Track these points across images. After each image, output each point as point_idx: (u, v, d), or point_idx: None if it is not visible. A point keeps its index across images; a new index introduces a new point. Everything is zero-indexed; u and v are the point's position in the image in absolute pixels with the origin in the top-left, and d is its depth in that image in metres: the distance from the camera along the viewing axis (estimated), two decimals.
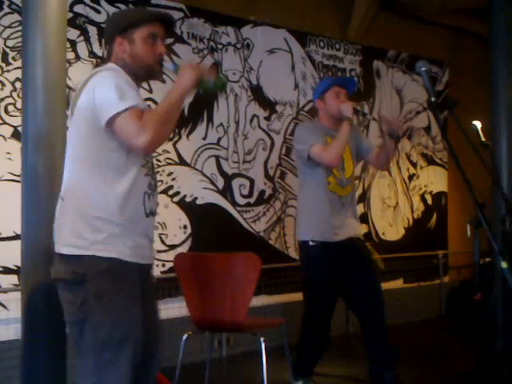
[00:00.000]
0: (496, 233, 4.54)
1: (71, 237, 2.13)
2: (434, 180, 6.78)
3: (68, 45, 4.08)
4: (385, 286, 6.00)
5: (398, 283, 6.20)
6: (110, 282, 2.10)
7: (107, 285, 2.10)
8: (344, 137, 3.52)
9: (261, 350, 3.32)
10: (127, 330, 2.11)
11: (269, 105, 5.29)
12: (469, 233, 2.53)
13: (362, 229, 5.93)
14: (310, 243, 3.64)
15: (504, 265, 2.23)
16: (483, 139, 3.31)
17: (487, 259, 5.42)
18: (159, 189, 4.31)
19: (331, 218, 3.61)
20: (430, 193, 6.73)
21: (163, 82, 4.04)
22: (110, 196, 2.14)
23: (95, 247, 2.11)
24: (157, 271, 4.39)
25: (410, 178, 6.48)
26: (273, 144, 5.30)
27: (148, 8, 4.28)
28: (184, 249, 4.66)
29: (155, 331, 2.30)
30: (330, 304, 3.73)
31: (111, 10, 4.39)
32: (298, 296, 5.31)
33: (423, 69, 2.84)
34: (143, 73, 2.28)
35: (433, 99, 2.78)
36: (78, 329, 2.12)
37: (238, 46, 5.12)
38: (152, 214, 2.26)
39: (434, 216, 6.75)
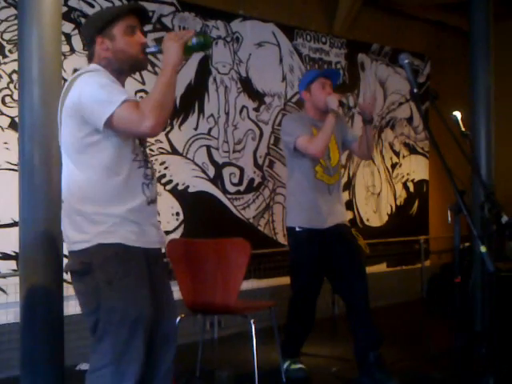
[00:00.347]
0: (475, 219, 4.56)
1: (76, 234, 2.14)
2: (416, 168, 6.80)
3: (63, 38, 4.03)
4: (369, 269, 6.03)
5: (381, 267, 6.23)
6: (117, 266, 2.09)
7: (115, 269, 2.09)
8: (329, 129, 3.48)
9: (251, 332, 3.34)
10: (139, 310, 2.10)
11: (257, 96, 5.28)
12: (449, 219, 2.53)
13: (348, 215, 5.96)
14: (297, 229, 3.64)
15: (483, 249, 2.24)
16: (463, 129, 3.32)
17: (467, 244, 5.45)
18: None
19: (318, 206, 3.60)
20: (412, 181, 6.75)
21: (155, 73, 4.02)
22: (107, 192, 2.14)
23: (99, 237, 2.10)
24: None
25: (393, 166, 6.50)
26: (261, 134, 5.29)
27: (117, 5, 4.20)
28: (176, 235, 4.66)
29: (168, 313, 2.29)
30: (315, 287, 3.74)
31: (105, 4, 4.35)
32: (286, 280, 5.30)
33: (406, 61, 2.84)
34: (128, 66, 2.23)
35: (415, 91, 2.78)
36: (95, 317, 2.10)
37: (228, 39, 5.09)
38: (153, 201, 2.27)
39: (416, 203, 6.78)
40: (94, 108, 2.07)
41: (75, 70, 4.08)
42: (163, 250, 2.47)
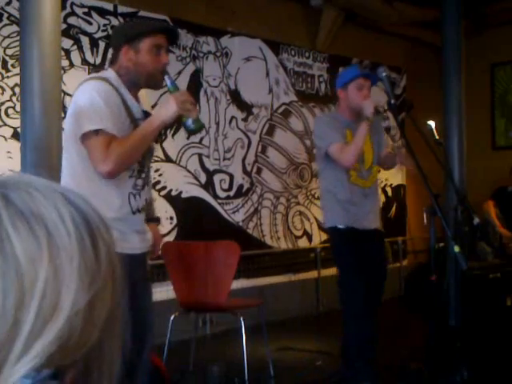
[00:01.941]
0: (449, 221, 4.58)
1: None
2: (394, 174, 6.80)
3: (62, 53, 4.02)
4: None
5: None
6: None
7: None
8: (361, 140, 3.10)
9: (241, 328, 3.33)
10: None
11: (246, 107, 5.28)
12: (425, 220, 2.55)
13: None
14: (340, 226, 3.22)
15: (456, 249, 2.26)
16: (437, 137, 3.33)
17: (441, 244, 5.47)
18: None
19: (354, 210, 3.21)
20: (390, 186, 6.77)
21: None
22: (95, 199, 2.12)
23: None
24: None
25: None
26: (250, 143, 5.29)
27: (153, 21, 4.18)
28: (170, 238, 4.64)
29: (146, 317, 2.26)
30: (369, 289, 3.21)
31: (102, 21, 4.34)
32: (273, 279, 5.34)
33: (384, 74, 2.85)
34: (144, 81, 2.20)
35: (392, 101, 2.80)
36: None
37: (218, 54, 5.09)
38: (139, 211, 2.22)
39: (394, 206, 6.79)
40: (78, 118, 2.06)
41: (75, 84, 4.07)
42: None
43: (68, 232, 0.53)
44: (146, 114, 2.25)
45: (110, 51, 4.27)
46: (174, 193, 4.70)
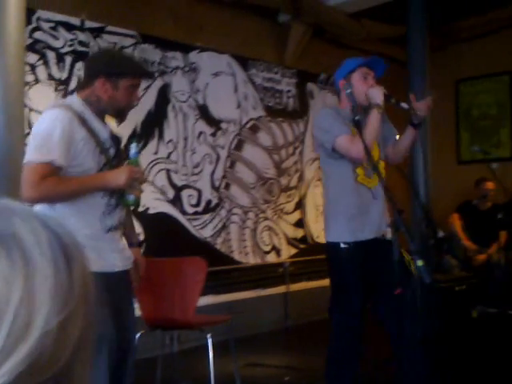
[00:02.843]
0: (415, 235, 4.65)
1: None
2: None
3: (28, 68, 3.99)
4: (320, 283, 6.07)
5: None
6: None
7: None
8: (374, 127, 2.77)
9: (208, 345, 3.30)
10: (101, 330, 2.07)
11: (214, 122, 5.28)
12: (389, 235, 2.56)
13: (301, 233, 6.00)
14: (342, 245, 2.85)
15: (420, 262, 2.27)
16: None
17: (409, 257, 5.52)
18: None
19: (362, 214, 2.83)
20: None
21: None
22: (68, 217, 2.12)
23: None
24: None
25: None
26: (218, 158, 5.29)
27: (132, 56, 4.14)
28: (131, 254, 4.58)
29: (130, 325, 2.27)
30: (364, 308, 2.94)
31: (69, 36, 4.31)
32: (241, 295, 5.32)
33: (349, 91, 2.88)
34: (114, 113, 2.25)
35: (357, 118, 2.81)
36: None
37: (186, 69, 5.09)
38: (112, 229, 2.23)
39: None
40: (30, 145, 2.14)
41: (40, 99, 4.04)
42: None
43: (44, 255, 0.55)
44: (115, 140, 2.26)
45: (77, 66, 4.28)
46: (141, 209, 4.65)
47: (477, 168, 5.95)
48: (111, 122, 2.38)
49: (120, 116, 2.32)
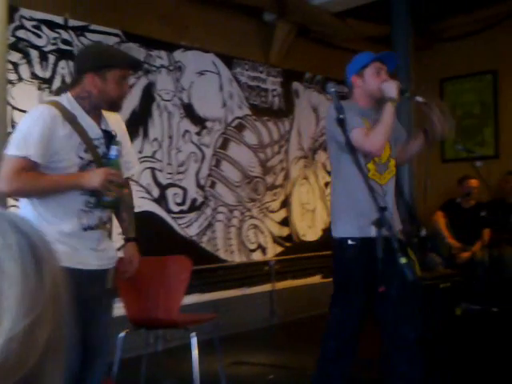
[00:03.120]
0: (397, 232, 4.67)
1: None
2: None
3: (11, 66, 3.97)
4: (306, 281, 6.11)
5: (317, 279, 6.28)
6: None
7: None
8: (389, 120, 2.72)
9: (192, 344, 3.30)
10: None
11: (199, 121, 5.28)
12: (372, 232, 2.56)
13: (286, 231, 6.01)
14: (350, 242, 2.79)
15: (402, 260, 2.27)
16: None
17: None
18: None
19: (372, 210, 2.54)
20: None
21: None
22: (46, 212, 2.15)
23: None
24: None
25: (326, 185, 6.59)
26: (203, 157, 5.29)
27: (118, 49, 4.14)
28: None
29: (101, 328, 2.26)
30: (365, 310, 2.87)
31: (52, 35, 4.29)
32: (227, 293, 5.33)
33: (332, 89, 2.87)
34: (106, 106, 2.27)
35: (341, 116, 2.81)
36: None
37: (171, 68, 5.08)
38: (92, 228, 2.22)
39: None
40: (11, 139, 2.17)
41: (23, 98, 4.02)
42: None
43: (13, 259, 0.55)
44: (107, 134, 2.26)
45: (60, 65, 4.26)
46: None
47: (461, 166, 5.99)
48: (113, 118, 2.39)
49: (114, 108, 2.32)
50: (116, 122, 2.41)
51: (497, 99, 6.75)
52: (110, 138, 2.28)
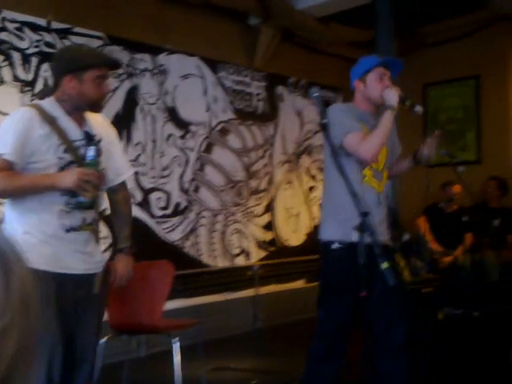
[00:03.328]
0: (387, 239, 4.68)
1: None
2: None
3: None
4: (289, 285, 6.11)
5: (300, 283, 6.28)
6: None
7: None
8: (386, 128, 2.68)
9: (174, 350, 3.28)
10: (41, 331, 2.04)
11: (183, 125, 5.26)
12: (354, 237, 2.56)
13: (269, 235, 6.01)
14: (334, 246, 2.77)
15: (384, 265, 2.27)
16: None
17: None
18: None
19: (356, 216, 2.47)
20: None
21: None
22: (28, 213, 2.13)
23: None
24: None
25: (310, 189, 6.60)
26: (187, 160, 5.27)
27: (94, 49, 4.11)
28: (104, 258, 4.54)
29: (84, 333, 2.25)
30: (352, 317, 2.84)
31: (35, 37, 4.26)
32: (210, 298, 5.31)
33: (316, 94, 2.87)
34: (87, 107, 2.28)
35: (324, 121, 2.81)
36: None
37: (155, 71, 5.07)
38: (74, 229, 2.21)
39: None
40: None
41: (6, 100, 3.98)
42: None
43: None
44: (88, 136, 2.26)
45: (43, 68, 4.22)
46: (108, 212, 4.60)
47: (444, 171, 6.03)
48: (101, 124, 2.40)
49: (95, 109, 2.33)
50: (104, 127, 2.42)
51: (479, 104, 6.81)
52: (90, 140, 2.28)
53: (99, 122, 2.40)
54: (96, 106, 2.30)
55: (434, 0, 5.96)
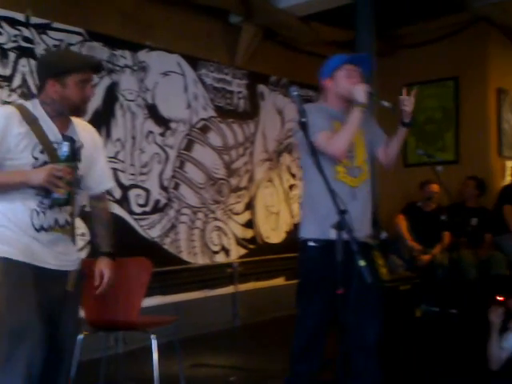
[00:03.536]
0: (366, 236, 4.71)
1: None
2: None
3: None
4: (269, 283, 6.12)
5: (280, 281, 6.29)
6: None
7: None
8: (353, 125, 2.74)
9: (152, 346, 3.27)
10: (22, 322, 2.03)
11: (163, 122, 5.24)
12: (332, 235, 2.57)
13: (250, 233, 6.01)
14: (310, 244, 2.83)
15: (361, 263, 2.28)
16: None
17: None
18: None
19: (334, 214, 2.54)
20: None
21: None
22: (3, 210, 2.16)
23: None
24: None
25: (291, 187, 6.62)
26: (167, 158, 5.25)
27: (77, 53, 4.08)
28: (82, 255, 4.51)
29: (65, 330, 2.25)
30: (329, 317, 2.83)
31: (13, 32, 4.21)
32: (190, 295, 5.31)
33: (295, 93, 2.87)
34: (69, 111, 2.27)
35: (303, 120, 2.82)
36: None
37: (135, 68, 5.04)
38: (44, 229, 2.20)
39: None
40: None
41: None
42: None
43: None
44: (67, 140, 2.25)
45: (21, 63, 4.18)
46: (87, 208, 4.56)
47: (422, 171, 6.08)
48: (87, 132, 2.41)
49: (77, 113, 2.32)
50: (90, 134, 2.43)
51: (458, 105, 6.88)
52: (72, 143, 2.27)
53: (86, 130, 2.41)
54: (78, 110, 2.29)
55: (414, 2, 6.00)
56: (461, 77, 6.85)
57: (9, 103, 2.63)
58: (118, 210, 4.81)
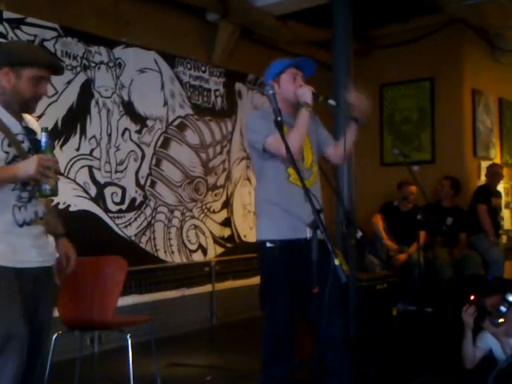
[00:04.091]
0: (338, 235, 4.75)
1: None
2: None
3: None
4: (247, 281, 6.11)
5: (257, 280, 6.24)
6: None
7: None
8: (303, 125, 2.80)
9: (127, 346, 3.24)
10: (9, 328, 2.00)
11: (140, 119, 5.20)
12: (308, 234, 2.58)
13: (228, 231, 6.00)
14: (268, 245, 2.87)
15: (336, 262, 2.28)
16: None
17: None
18: None
19: (293, 213, 2.82)
20: None
21: None
22: None
23: None
24: None
25: None
26: (144, 155, 5.21)
27: (40, 48, 4.02)
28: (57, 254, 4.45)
29: (43, 330, 2.23)
30: (294, 315, 2.90)
31: None
32: (166, 294, 5.27)
33: (270, 92, 2.87)
34: (18, 106, 2.21)
35: (279, 119, 2.81)
36: None
37: (111, 64, 4.99)
38: (27, 223, 2.17)
39: None
40: None
41: None
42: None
43: None
44: (30, 134, 2.20)
45: None
46: (61, 206, 4.51)
47: (399, 170, 6.13)
48: (30, 120, 2.35)
49: (26, 109, 2.26)
50: (37, 128, 2.36)
51: (434, 105, 6.95)
52: (31, 133, 2.24)
53: (33, 122, 2.35)
54: (27, 107, 2.24)
55: (390, 3, 6.04)
56: (436, 77, 6.92)
57: None
58: (93, 207, 4.76)
